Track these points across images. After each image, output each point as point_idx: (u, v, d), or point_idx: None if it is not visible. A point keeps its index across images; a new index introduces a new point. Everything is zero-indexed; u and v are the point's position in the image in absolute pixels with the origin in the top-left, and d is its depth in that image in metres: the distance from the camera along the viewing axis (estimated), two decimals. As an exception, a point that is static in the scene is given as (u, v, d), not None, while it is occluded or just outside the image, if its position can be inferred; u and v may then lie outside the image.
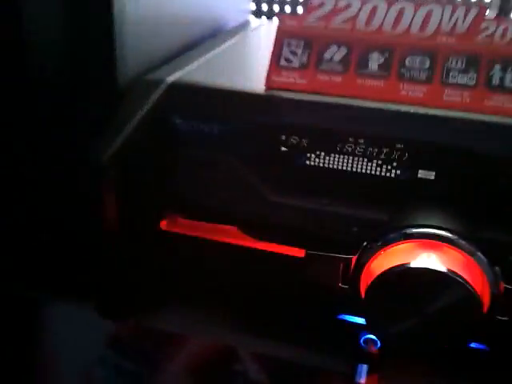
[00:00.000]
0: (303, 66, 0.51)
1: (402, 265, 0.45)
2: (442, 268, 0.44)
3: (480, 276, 0.46)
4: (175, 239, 0.57)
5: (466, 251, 0.46)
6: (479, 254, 0.46)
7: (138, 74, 0.57)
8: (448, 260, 0.43)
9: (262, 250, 0.53)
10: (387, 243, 0.46)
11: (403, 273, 0.45)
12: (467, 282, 0.44)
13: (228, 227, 0.52)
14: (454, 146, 0.45)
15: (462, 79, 0.48)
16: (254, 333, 0.59)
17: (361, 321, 0.50)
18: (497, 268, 0.47)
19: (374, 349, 0.54)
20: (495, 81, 0.48)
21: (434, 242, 0.44)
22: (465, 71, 0.48)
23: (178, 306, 0.62)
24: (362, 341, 0.55)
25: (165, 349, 0.64)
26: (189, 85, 0.55)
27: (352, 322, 0.55)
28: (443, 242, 0.46)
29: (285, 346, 0.57)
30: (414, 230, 0.47)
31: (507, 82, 0.49)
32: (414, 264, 0.45)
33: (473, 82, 0.49)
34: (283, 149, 0.52)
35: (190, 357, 0.63)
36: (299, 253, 0.52)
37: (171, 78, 0.55)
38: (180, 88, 0.55)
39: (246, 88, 0.50)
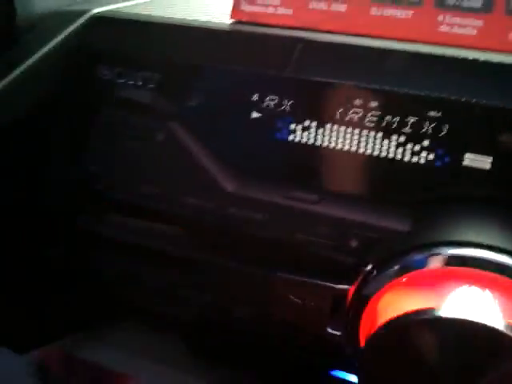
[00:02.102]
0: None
1: (428, 310, 0.26)
2: (500, 322, 0.25)
3: None
4: (101, 242, 0.39)
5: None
6: None
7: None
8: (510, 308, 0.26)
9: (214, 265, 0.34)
10: (405, 270, 0.30)
11: (429, 324, 0.26)
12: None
13: (170, 231, 0.33)
14: None
15: None
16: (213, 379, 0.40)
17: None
18: None
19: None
20: None
21: (485, 273, 0.28)
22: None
23: (121, 333, 0.43)
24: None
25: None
26: (121, 18, 0.37)
27: (349, 382, 0.36)
28: (503, 273, 0.26)
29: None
30: (452, 251, 0.27)
31: None
32: (447, 311, 0.26)
33: None
34: (255, 114, 0.34)
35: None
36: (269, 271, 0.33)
37: (99, 9, 0.37)
38: (108, 22, 0.37)
39: (201, 22, 0.37)
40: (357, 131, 0.33)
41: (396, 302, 0.29)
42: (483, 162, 0.30)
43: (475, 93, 0.30)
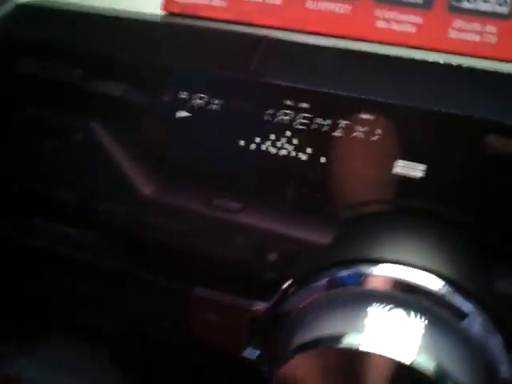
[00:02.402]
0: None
1: (341, 337, 0.23)
2: (414, 358, 0.22)
3: (484, 368, 0.24)
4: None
5: (463, 318, 0.24)
6: (488, 324, 0.24)
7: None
8: (430, 340, 0.24)
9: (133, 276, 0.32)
10: (327, 287, 0.27)
11: (344, 351, 0.23)
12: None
13: (86, 238, 0.31)
14: (463, 118, 0.26)
15: (485, 4, 0.28)
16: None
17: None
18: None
19: None
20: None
21: (409, 296, 0.26)
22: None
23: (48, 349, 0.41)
24: None
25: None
26: (47, 8, 0.34)
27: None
28: (427, 298, 0.24)
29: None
30: (376, 271, 0.25)
31: None
32: (361, 342, 0.23)
33: (504, 10, 0.28)
34: (181, 114, 0.31)
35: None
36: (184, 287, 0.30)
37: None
38: (33, 11, 0.34)
39: (131, 13, 0.35)
40: (286, 134, 0.30)
41: (312, 324, 0.26)
42: (414, 169, 0.27)
43: (410, 95, 0.28)
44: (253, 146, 0.30)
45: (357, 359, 0.24)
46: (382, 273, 0.26)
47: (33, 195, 0.34)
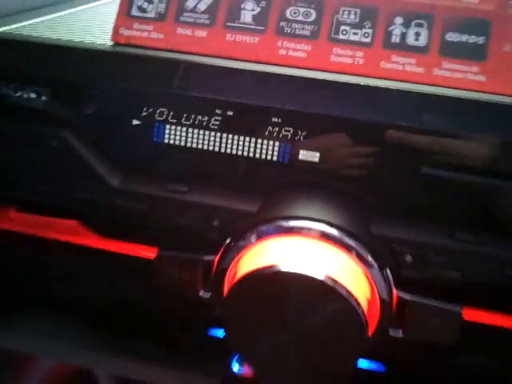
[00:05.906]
0: (160, 17, 0.40)
1: (269, 267, 0.35)
2: (318, 273, 0.34)
3: (367, 283, 0.36)
4: (5, 238, 0.44)
5: (350, 251, 0.36)
6: (367, 254, 0.36)
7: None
8: (327, 263, 0.33)
9: (107, 251, 0.41)
10: (254, 240, 0.38)
11: (269, 277, 0.35)
12: (348, 293, 0.34)
13: (67, 222, 0.39)
14: (345, 119, 0.34)
15: (355, 36, 0.37)
16: (111, 352, 0.47)
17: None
18: (388, 272, 0.37)
19: (248, 371, 0.44)
20: (395, 38, 0.38)
21: (311, 238, 0.37)
22: (358, 26, 0.40)
23: (23, 319, 0.49)
24: (235, 361, 0.44)
25: (12, 370, 0.51)
26: (9, 39, 0.42)
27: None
28: (323, 238, 0.35)
29: (145, 367, 0.46)
30: (287, 224, 0.36)
31: (409, 40, 0.39)
32: (283, 266, 0.34)
33: (368, 40, 0.40)
34: (135, 122, 0.41)
35: (42, 379, 0.51)
36: (150, 253, 0.41)
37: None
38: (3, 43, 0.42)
39: (83, 43, 0.42)
40: (218, 135, 0.41)
41: (246, 265, 0.38)
42: (312, 156, 0.39)
43: (304, 103, 0.40)
44: (192, 145, 0.41)
45: (278, 281, 0.35)
46: (291, 224, 0.37)
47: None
